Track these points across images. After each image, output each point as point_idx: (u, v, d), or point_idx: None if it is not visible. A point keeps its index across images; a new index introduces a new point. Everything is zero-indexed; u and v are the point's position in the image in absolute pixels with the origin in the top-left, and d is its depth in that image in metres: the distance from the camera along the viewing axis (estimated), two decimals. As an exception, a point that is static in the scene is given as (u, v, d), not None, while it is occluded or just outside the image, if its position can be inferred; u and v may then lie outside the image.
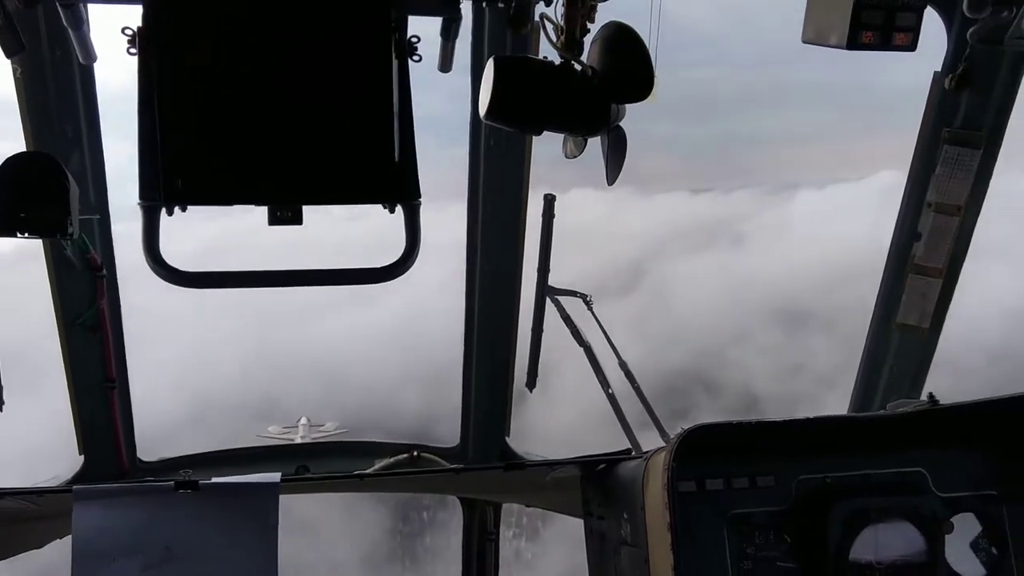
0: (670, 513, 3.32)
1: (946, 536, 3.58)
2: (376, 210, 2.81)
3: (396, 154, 2.70)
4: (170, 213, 2.62)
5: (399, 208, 2.84)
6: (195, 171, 2.60)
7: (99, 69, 4.22)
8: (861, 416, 4.31)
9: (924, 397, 3.75)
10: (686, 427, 3.43)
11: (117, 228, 4.65)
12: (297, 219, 2.69)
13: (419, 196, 2.78)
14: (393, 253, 2.85)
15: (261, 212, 2.72)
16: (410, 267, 2.82)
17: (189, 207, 2.67)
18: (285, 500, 3.67)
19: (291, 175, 2.66)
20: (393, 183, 2.72)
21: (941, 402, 3.67)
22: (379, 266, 2.80)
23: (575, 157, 3.36)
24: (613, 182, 3.12)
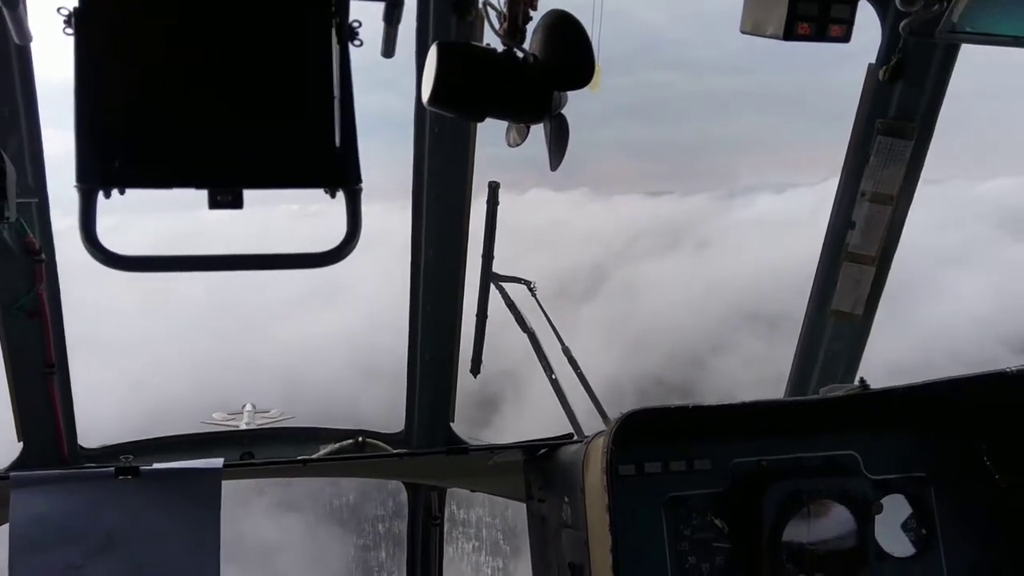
0: (609, 495, 3.37)
1: (876, 517, 3.68)
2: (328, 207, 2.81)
3: (337, 139, 2.70)
4: (107, 196, 2.58)
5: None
6: (132, 153, 2.56)
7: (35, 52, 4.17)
8: (794, 400, 4.41)
9: (856, 382, 3.85)
10: (624, 411, 3.49)
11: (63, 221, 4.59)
12: (238, 203, 2.66)
13: (360, 181, 2.77)
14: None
15: (203, 206, 2.70)
16: (350, 252, 2.81)
17: (128, 191, 2.64)
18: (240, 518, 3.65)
19: (231, 158, 2.64)
20: (334, 168, 2.72)
21: (872, 387, 3.78)
22: (320, 251, 2.80)
23: (518, 145, 3.39)
24: (556, 167, 3.15)
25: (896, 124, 4.75)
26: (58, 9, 2.51)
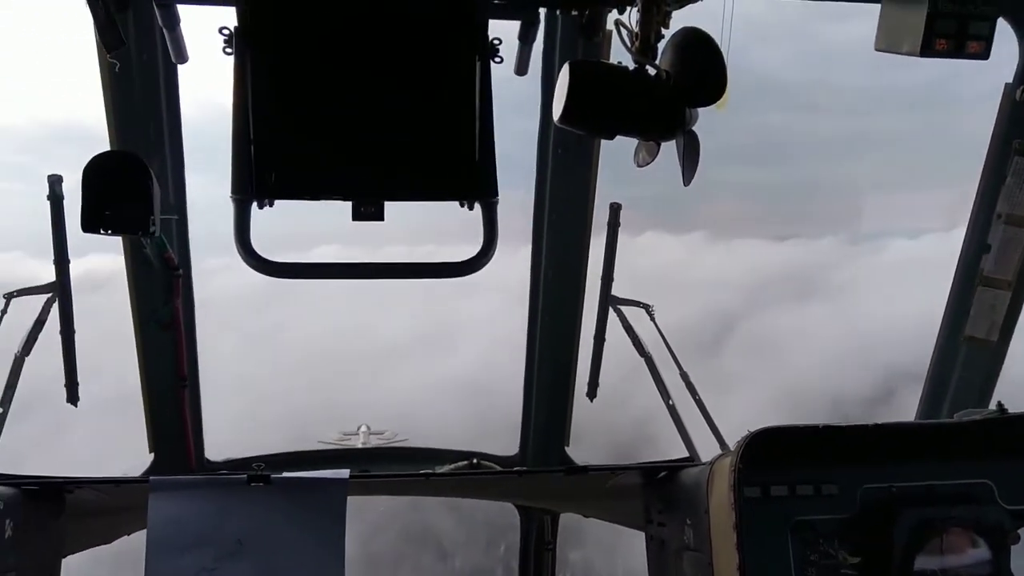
0: (736, 514, 3.31)
1: (1012, 547, 3.53)
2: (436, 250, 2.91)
3: (477, 153, 2.77)
4: (260, 207, 2.72)
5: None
6: (285, 166, 2.70)
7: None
8: (928, 423, 4.25)
9: (994, 407, 3.71)
10: (752, 430, 3.43)
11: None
12: (379, 215, 2.77)
13: (496, 194, 2.85)
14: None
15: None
16: (487, 263, 2.88)
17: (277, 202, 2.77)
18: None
19: (376, 171, 2.75)
20: (473, 181, 2.79)
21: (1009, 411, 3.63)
22: (459, 261, 2.87)
23: (647, 164, 3.39)
24: (689, 182, 3.14)
25: (1035, 145, 4.59)
26: (220, 29, 2.66)
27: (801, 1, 4.29)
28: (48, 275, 4.86)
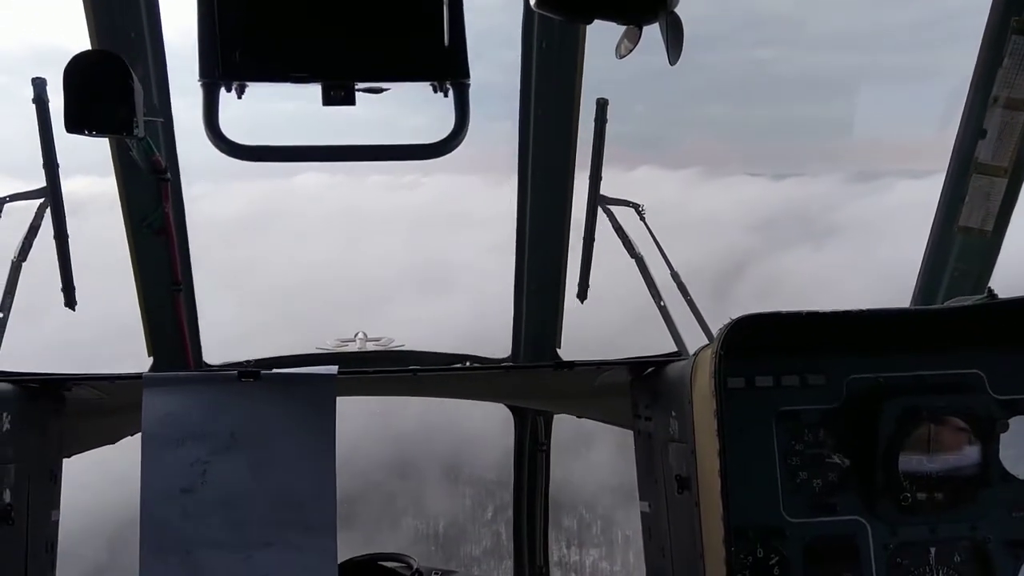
0: (717, 401, 3.33)
1: (1001, 436, 3.53)
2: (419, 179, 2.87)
3: (446, 34, 2.73)
4: (228, 89, 2.71)
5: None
6: (251, 47, 2.68)
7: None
8: (916, 310, 4.23)
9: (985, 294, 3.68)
10: (734, 317, 3.42)
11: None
12: (350, 99, 2.75)
13: (468, 75, 2.81)
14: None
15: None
16: (457, 145, 2.86)
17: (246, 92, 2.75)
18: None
19: (344, 53, 2.73)
20: (443, 62, 2.76)
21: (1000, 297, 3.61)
22: (430, 143, 2.86)
23: (629, 52, 3.31)
24: (676, 61, 3.07)
25: (1034, 22, 4.44)
26: None
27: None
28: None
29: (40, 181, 4.90)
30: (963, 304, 3.68)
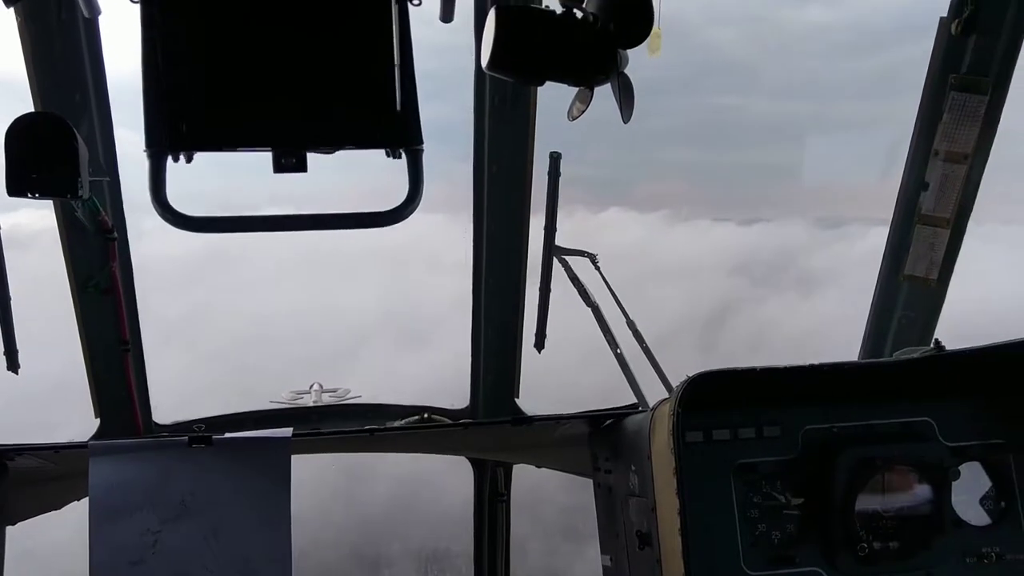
0: (676, 458, 3.34)
1: (952, 484, 3.59)
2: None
3: (398, 100, 2.72)
4: (175, 159, 2.65)
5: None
6: (199, 117, 2.63)
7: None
8: (867, 363, 4.31)
9: (931, 345, 3.75)
10: (690, 375, 3.45)
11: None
12: (301, 166, 2.71)
13: (421, 142, 2.80)
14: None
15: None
16: (412, 212, 2.84)
17: (195, 157, 2.70)
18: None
19: (294, 120, 2.69)
20: (396, 129, 2.75)
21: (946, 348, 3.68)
22: (383, 210, 2.83)
23: (581, 113, 3.34)
24: (629, 119, 3.10)
25: (970, 79, 4.59)
26: None
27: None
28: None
29: None
30: (911, 357, 3.75)
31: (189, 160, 2.71)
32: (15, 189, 3.22)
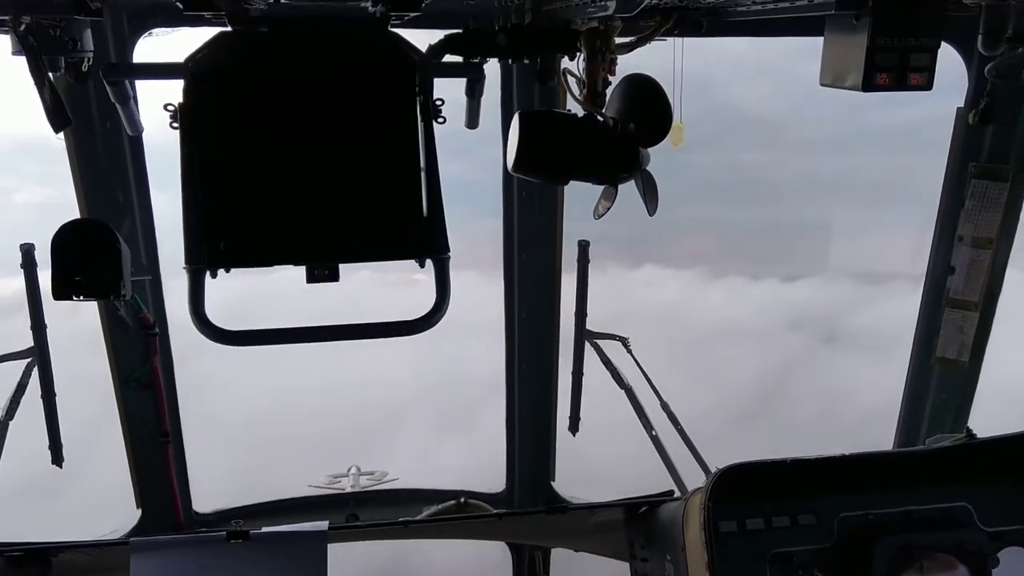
0: (708, 552, 3.34)
1: (992, 571, 3.54)
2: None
3: (424, 211, 2.83)
4: (214, 276, 2.77)
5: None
6: (236, 235, 2.75)
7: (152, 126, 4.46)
8: (898, 452, 4.28)
9: (963, 433, 3.74)
10: (721, 467, 3.46)
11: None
12: (334, 277, 2.83)
13: (448, 251, 2.90)
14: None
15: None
16: (439, 319, 2.92)
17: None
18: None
19: (326, 235, 2.81)
20: (423, 239, 2.85)
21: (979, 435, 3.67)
22: (411, 319, 2.91)
23: (607, 211, 3.44)
24: (654, 212, 3.20)
25: (990, 167, 4.67)
26: (165, 106, 2.73)
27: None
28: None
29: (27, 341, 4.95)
30: (943, 445, 3.73)
31: (227, 271, 2.83)
32: (61, 293, 3.34)
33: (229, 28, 2.79)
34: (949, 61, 4.47)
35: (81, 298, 3.41)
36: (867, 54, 3.05)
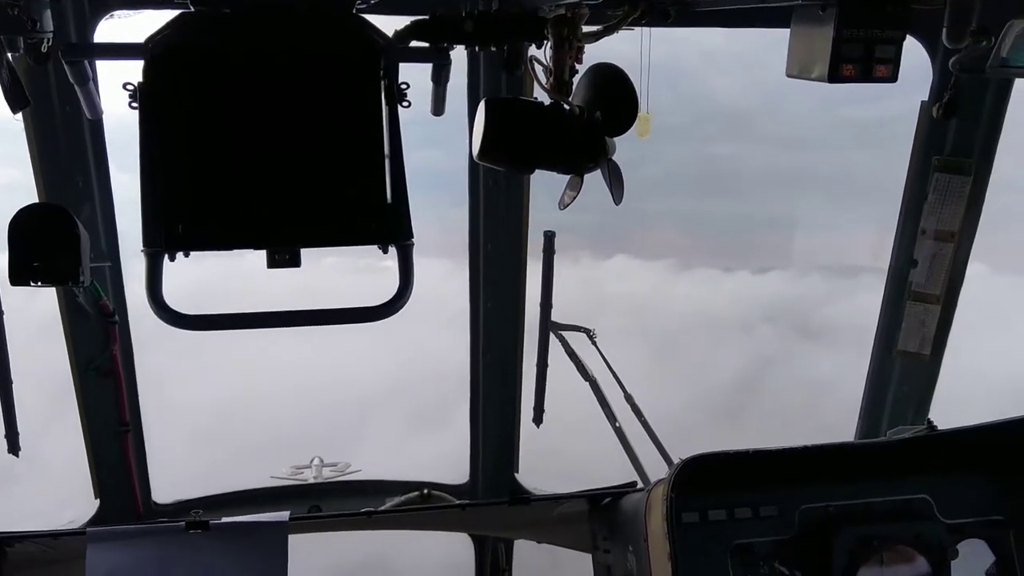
0: (670, 543, 3.35)
1: (952, 563, 3.58)
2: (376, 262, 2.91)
3: (388, 197, 2.80)
4: (172, 259, 2.72)
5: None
6: (194, 218, 2.71)
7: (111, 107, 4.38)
8: (860, 443, 4.33)
9: (924, 425, 3.78)
10: (684, 457, 3.47)
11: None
12: (295, 262, 2.78)
13: (411, 237, 2.86)
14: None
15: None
16: (402, 306, 2.89)
17: (192, 253, 2.78)
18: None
19: (288, 219, 2.76)
20: (386, 225, 2.82)
21: (939, 428, 3.70)
22: (373, 305, 2.88)
23: (573, 200, 3.43)
24: (620, 201, 3.19)
25: (953, 161, 4.71)
26: (124, 85, 2.67)
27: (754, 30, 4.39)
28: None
29: None
30: (904, 437, 3.77)
31: (186, 255, 2.78)
32: (18, 278, 3.28)
33: (191, 8, 2.74)
34: (914, 55, 4.51)
35: (39, 284, 3.36)
36: (833, 45, 3.06)
